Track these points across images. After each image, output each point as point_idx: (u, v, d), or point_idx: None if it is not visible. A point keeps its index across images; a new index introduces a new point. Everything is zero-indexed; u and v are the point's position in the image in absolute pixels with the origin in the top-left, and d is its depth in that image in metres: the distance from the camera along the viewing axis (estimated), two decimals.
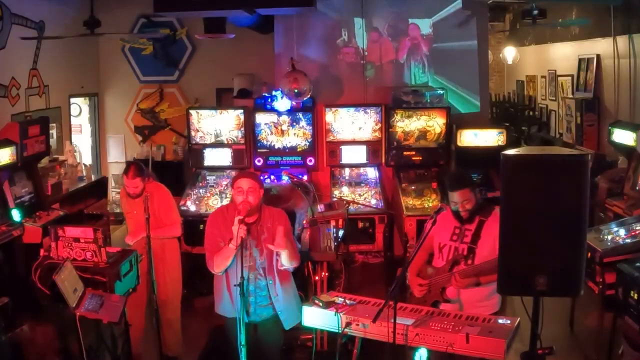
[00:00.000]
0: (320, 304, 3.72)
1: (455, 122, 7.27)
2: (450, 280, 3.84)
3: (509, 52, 11.62)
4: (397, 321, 3.29)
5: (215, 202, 6.95)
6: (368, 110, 7.40)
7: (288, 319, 3.91)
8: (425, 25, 7.87)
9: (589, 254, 4.67)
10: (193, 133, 7.39)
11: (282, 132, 7.36)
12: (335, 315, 3.61)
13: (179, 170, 8.47)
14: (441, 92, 7.57)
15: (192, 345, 5.31)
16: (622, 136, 6.37)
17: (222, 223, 3.79)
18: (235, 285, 3.66)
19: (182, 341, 5.22)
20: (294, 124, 7.35)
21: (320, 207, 5.63)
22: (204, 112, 7.41)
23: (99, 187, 7.94)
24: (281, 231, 3.70)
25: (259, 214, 3.82)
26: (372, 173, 7.44)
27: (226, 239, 3.69)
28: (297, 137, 7.36)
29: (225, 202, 6.89)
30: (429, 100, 7.42)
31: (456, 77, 7.89)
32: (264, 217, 3.83)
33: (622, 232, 5.07)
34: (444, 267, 3.92)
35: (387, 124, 7.28)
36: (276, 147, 7.38)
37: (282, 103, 7.22)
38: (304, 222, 5.36)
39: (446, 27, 7.81)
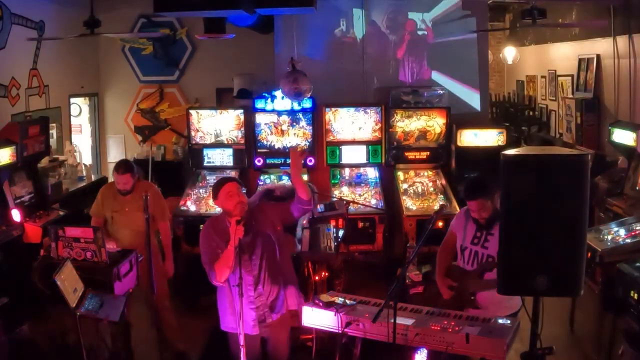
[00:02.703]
0: (320, 304, 3.72)
1: (455, 122, 7.27)
2: (481, 287, 3.82)
3: (509, 52, 11.62)
4: (397, 321, 3.29)
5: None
6: (368, 110, 7.40)
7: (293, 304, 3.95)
8: (425, 19, 7.88)
9: (589, 254, 4.67)
10: (193, 133, 7.39)
11: (282, 132, 7.36)
12: (335, 315, 3.61)
13: (179, 170, 8.46)
14: (441, 92, 7.57)
15: (194, 343, 5.32)
16: (622, 136, 6.38)
17: (214, 234, 3.81)
18: (234, 285, 3.67)
19: (181, 337, 5.26)
20: (294, 124, 7.35)
21: (320, 207, 5.63)
22: (204, 112, 7.42)
23: (99, 187, 7.89)
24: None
25: (250, 213, 3.83)
26: (372, 173, 7.43)
27: (222, 248, 3.69)
28: (297, 137, 7.36)
29: None
30: (423, 101, 7.43)
31: (455, 71, 7.88)
32: (253, 213, 3.86)
33: (622, 232, 5.08)
34: (473, 273, 3.90)
35: (387, 124, 7.28)
36: (276, 147, 7.38)
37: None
38: (304, 222, 5.37)
39: (445, 20, 7.82)
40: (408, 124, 7.24)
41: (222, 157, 7.39)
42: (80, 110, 9.04)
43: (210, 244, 3.81)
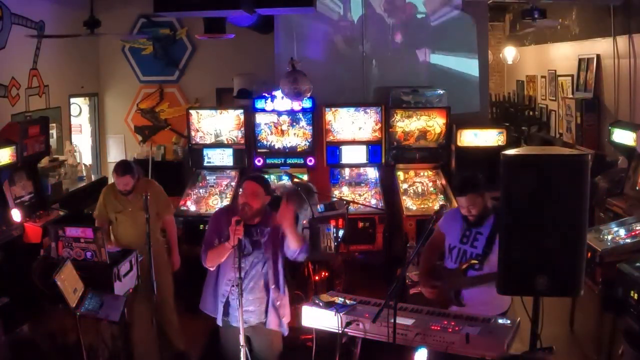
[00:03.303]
0: (320, 304, 3.72)
1: (455, 122, 7.26)
2: (465, 284, 3.83)
3: (509, 52, 11.62)
4: (397, 321, 3.29)
5: (215, 202, 6.95)
6: (368, 110, 7.39)
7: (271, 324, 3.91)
8: (419, 2, 7.92)
9: (589, 254, 4.67)
10: (193, 133, 7.39)
11: (282, 132, 7.36)
12: (335, 315, 3.61)
13: (179, 170, 8.46)
14: (441, 92, 7.57)
15: (194, 343, 5.32)
16: (622, 136, 6.38)
17: (224, 221, 3.80)
18: (233, 286, 3.68)
19: (182, 337, 5.28)
20: (294, 124, 7.34)
21: (320, 207, 5.63)
22: (204, 112, 7.41)
23: (99, 187, 7.88)
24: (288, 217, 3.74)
25: (262, 218, 3.82)
26: (372, 173, 7.43)
27: (224, 237, 3.70)
28: (297, 137, 7.36)
29: (226, 202, 6.90)
30: (423, 101, 7.43)
31: (453, 46, 7.90)
32: (268, 221, 3.83)
33: (622, 232, 5.08)
34: (456, 271, 3.90)
35: (387, 124, 7.28)
36: (276, 147, 7.38)
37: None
38: (304, 222, 5.37)
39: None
40: (408, 124, 7.24)
41: (222, 157, 7.39)
42: (80, 110, 9.04)
43: (213, 228, 3.85)
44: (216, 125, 7.35)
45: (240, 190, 3.85)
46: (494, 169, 3.00)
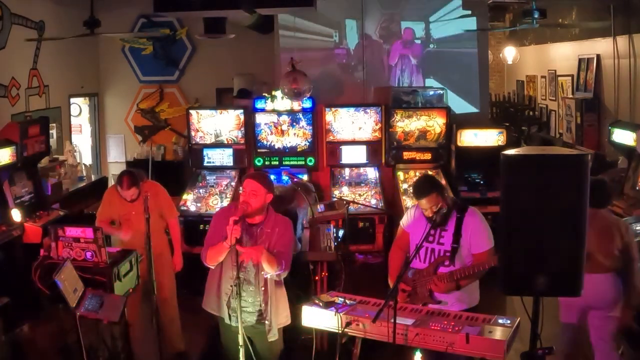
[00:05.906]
0: (320, 304, 3.72)
1: (455, 122, 7.27)
2: (433, 283, 3.84)
3: (509, 52, 11.63)
4: (397, 321, 3.29)
5: (215, 202, 6.95)
6: (368, 110, 7.39)
7: (272, 330, 3.84)
8: (419, 28, 7.92)
9: None
10: (193, 133, 7.39)
11: (282, 132, 7.36)
12: (335, 315, 3.61)
13: (179, 170, 8.47)
14: (441, 92, 7.57)
15: (194, 343, 5.32)
16: (622, 136, 6.38)
17: (225, 221, 3.77)
18: (231, 285, 3.66)
19: (183, 337, 5.28)
20: (294, 124, 7.35)
21: (320, 207, 5.63)
22: (204, 112, 7.41)
23: (99, 187, 7.93)
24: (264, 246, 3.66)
25: (264, 218, 3.78)
26: (372, 173, 7.43)
27: (224, 237, 3.68)
28: (297, 137, 7.36)
29: (226, 202, 6.90)
30: (421, 101, 7.45)
31: (453, 80, 7.94)
32: (267, 221, 3.78)
33: None
34: (428, 269, 3.91)
35: (387, 124, 7.28)
36: (276, 147, 7.38)
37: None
38: (304, 222, 5.37)
39: (442, 29, 7.89)
40: (408, 124, 7.24)
41: (222, 157, 7.39)
42: (80, 110, 9.05)
43: (215, 227, 3.77)
44: (216, 125, 7.36)
45: (241, 188, 3.82)
46: (494, 169, 2.99)
